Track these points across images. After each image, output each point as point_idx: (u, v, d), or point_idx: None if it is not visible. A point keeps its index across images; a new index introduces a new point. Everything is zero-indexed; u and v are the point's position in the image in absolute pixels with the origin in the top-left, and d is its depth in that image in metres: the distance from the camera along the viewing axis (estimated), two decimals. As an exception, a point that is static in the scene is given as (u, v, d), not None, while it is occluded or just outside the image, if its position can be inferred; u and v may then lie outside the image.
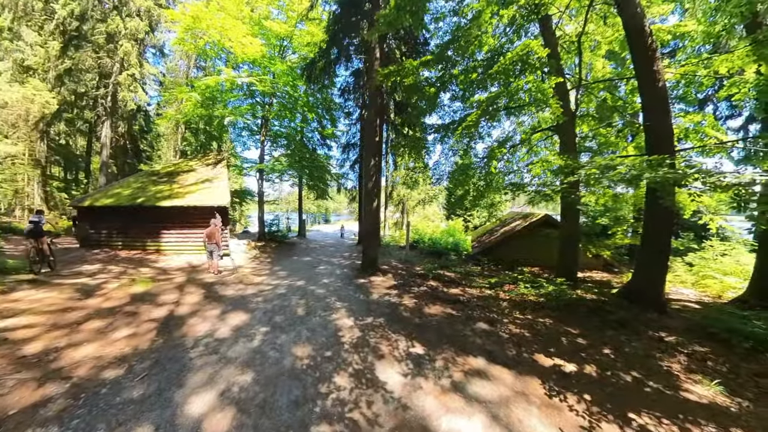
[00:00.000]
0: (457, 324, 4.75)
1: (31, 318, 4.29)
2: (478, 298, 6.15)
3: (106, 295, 5.49)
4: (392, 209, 27.39)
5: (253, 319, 4.68)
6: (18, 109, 15.65)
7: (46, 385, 2.85)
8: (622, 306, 5.54)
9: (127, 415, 2.50)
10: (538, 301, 5.89)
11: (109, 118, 16.00)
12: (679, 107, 10.52)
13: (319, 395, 2.86)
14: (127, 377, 3.04)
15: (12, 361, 3.20)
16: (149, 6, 16.00)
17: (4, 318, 4.22)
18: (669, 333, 4.50)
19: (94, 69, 16.58)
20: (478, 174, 9.31)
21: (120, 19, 15.37)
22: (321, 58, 9.85)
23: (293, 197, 38.14)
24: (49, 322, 4.20)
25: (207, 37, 12.60)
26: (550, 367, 3.54)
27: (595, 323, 4.86)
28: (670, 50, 11.82)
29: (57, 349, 3.53)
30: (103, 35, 15.63)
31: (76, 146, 23.19)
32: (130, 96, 15.90)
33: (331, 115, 16.97)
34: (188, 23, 12.17)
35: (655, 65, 5.61)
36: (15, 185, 16.11)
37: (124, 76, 15.69)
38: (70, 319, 4.35)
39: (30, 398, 2.66)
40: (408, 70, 7.12)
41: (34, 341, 3.67)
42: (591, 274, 11.14)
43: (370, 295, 6.23)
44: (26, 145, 16.00)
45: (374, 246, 8.63)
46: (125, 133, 19.32)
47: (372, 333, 4.33)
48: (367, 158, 8.35)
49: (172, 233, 10.56)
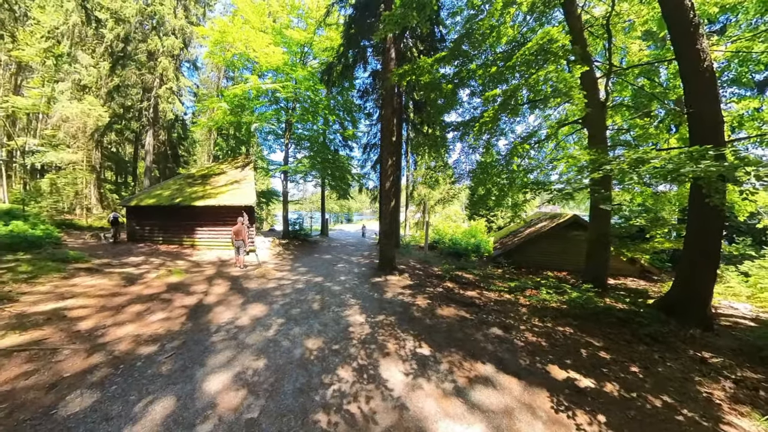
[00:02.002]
0: (469, 328, 4.64)
1: (85, 300, 4.89)
2: (496, 302, 5.94)
3: (146, 284, 6.10)
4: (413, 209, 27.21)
5: (271, 311, 4.95)
6: (77, 122, 17.66)
7: (94, 355, 3.29)
8: (659, 319, 4.99)
9: (156, 386, 2.83)
10: (560, 308, 5.55)
11: (152, 128, 17.53)
12: (732, 91, 9.38)
13: (322, 385, 2.98)
14: (159, 354, 3.41)
15: (69, 335, 3.72)
16: (182, 25, 17.31)
17: (65, 299, 4.87)
18: (714, 354, 3.97)
19: (138, 84, 18.28)
20: (500, 172, 8.98)
21: (158, 38, 16.80)
22: (339, 61, 10.05)
23: (316, 197, 39.25)
24: (99, 305, 4.77)
25: (234, 50, 13.40)
26: (564, 380, 3.32)
27: (624, 336, 4.47)
28: (720, 27, 10.57)
29: (104, 326, 4.02)
30: (145, 54, 17.18)
31: (125, 153, 25.72)
32: (169, 107, 17.32)
33: (351, 117, 17.24)
34: (216, 37, 13.10)
35: (699, 43, 5.03)
36: (75, 188, 18.21)
37: (163, 90, 17.11)
38: (116, 303, 4.90)
39: (80, 365, 3.08)
40: (423, 69, 7.04)
41: (87, 319, 4.21)
42: (625, 281, 10.31)
43: (385, 293, 6.28)
44: (84, 153, 18.02)
45: (391, 246, 8.66)
46: (166, 140, 21.08)
47: (381, 330, 4.39)
48: (384, 158, 8.39)
49: (205, 230, 11.36)
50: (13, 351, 3.19)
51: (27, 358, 3.12)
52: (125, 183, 24.59)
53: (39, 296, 4.82)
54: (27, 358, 3.12)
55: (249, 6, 12.86)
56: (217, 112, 14.56)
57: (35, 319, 3.98)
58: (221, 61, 15.05)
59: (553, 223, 11.35)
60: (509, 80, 7.73)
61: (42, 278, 5.66)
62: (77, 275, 6.17)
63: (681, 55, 5.30)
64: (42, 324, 3.88)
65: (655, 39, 10.24)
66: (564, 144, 11.41)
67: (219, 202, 10.96)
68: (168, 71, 17.00)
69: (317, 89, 13.80)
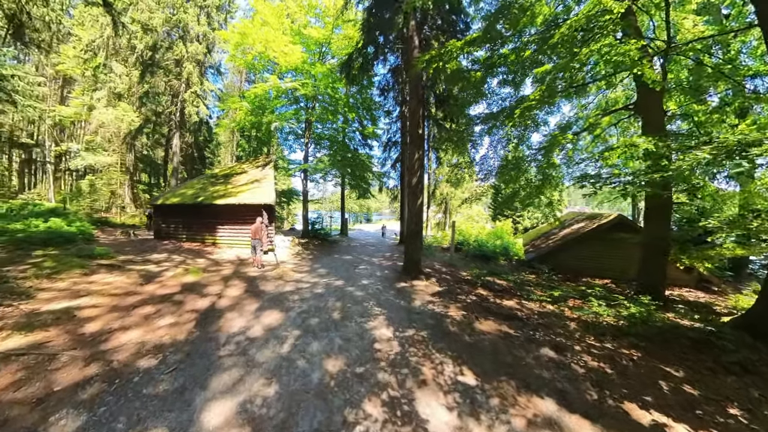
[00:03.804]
0: (517, 348, 3.93)
1: (99, 299, 4.72)
2: (539, 314, 5.19)
3: (162, 283, 5.91)
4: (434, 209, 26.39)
5: (287, 320, 4.51)
6: (112, 127, 18.66)
7: (91, 365, 2.98)
8: (744, 342, 4.05)
9: (148, 412, 2.44)
10: (616, 324, 4.70)
11: (178, 130, 18.13)
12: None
13: (346, 425, 2.44)
14: (159, 368, 3.04)
15: (72, 337, 3.48)
16: (205, 31, 17.83)
17: (80, 297, 4.72)
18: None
19: (168, 92, 19.08)
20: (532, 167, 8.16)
21: (183, 45, 17.35)
22: (358, 55, 9.64)
23: (336, 197, 39.38)
24: (111, 304, 4.57)
25: (254, 51, 13.52)
26: (650, 426, 2.56)
27: (704, 364, 3.61)
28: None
29: (110, 330, 3.76)
30: (172, 62, 17.82)
31: (157, 157, 27.09)
32: (193, 110, 17.82)
33: (371, 115, 16.93)
34: (237, 40, 13.32)
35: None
36: (110, 188, 19.22)
37: (188, 94, 17.63)
38: (127, 303, 4.70)
39: (74, 377, 2.78)
40: (451, 53, 6.42)
41: (95, 320, 3.98)
42: (681, 292, 9.04)
43: (412, 301, 5.69)
44: (118, 156, 18.98)
45: (417, 247, 8.02)
46: (192, 143, 21.84)
47: (413, 349, 3.77)
48: (411, 151, 7.82)
49: (226, 228, 11.37)
50: (11, 355, 2.97)
51: (23, 364, 2.87)
52: (158, 184, 25.83)
53: (55, 293, 4.72)
54: (23, 364, 2.87)
55: (268, 8, 12.89)
56: (238, 113, 14.75)
57: (44, 319, 3.81)
58: (242, 63, 15.24)
59: (593, 224, 10.23)
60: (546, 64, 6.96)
61: (64, 274, 5.64)
62: (98, 272, 6.12)
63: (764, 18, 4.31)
64: (50, 324, 3.69)
65: (712, 11, 9.00)
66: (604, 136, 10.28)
67: (239, 200, 10.90)
68: (192, 76, 17.49)
69: (336, 87, 13.64)
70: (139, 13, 17.06)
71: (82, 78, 20.11)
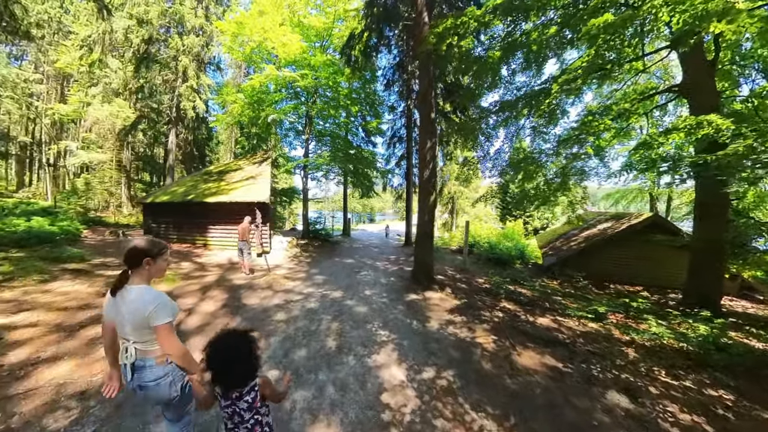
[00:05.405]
0: (576, 394, 2.89)
1: (43, 315, 3.89)
2: (583, 336, 4.19)
3: None
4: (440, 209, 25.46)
5: (266, 352, 3.48)
6: (107, 123, 18.04)
7: None
8: None
9: None
10: (681, 348, 3.75)
11: (174, 126, 17.46)
12: None
13: None
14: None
15: None
16: (202, 23, 17.12)
17: (21, 311, 3.91)
18: None
19: (164, 87, 18.41)
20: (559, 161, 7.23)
21: (179, 38, 16.67)
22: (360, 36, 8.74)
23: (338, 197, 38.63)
24: (55, 322, 3.75)
25: (252, 43, 12.81)
26: None
27: None
28: None
29: (36, 360, 2.93)
30: (168, 55, 17.16)
31: (158, 155, 26.54)
32: (190, 105, 17.12)
33: (375, 110, 16.15)
34: (234, 30, 12.62)
35: None
36: (105, 186, 18.61)
37: (184, 88, 16.94)
38: (76, 320, 3.86)
39: None
40: (468, 24, 5.51)
41: (24, 346, 3.16)
42: (726, 302, 8.00)
43: (427, 320, 4.68)
44: (113, 153, 18.34)
45: (429, 251, 6.95)
46: (191, 140, 21.17)
47: (438, 404, 2.70)
48: (422, 140, 6.90)
49: (218, 228, 10.56)
50: None
51: None
52: (158, 183, 25.26)
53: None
54: None
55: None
56: (234, 106, 13.97)
57: (-40, 344, 2.99)
58: (240, 56, 14.51)
59: (622, 225, 9.19)
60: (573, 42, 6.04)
61: (17, 281, 4.84)
62: (60, 278, 5.31)
63: None
64: (-37, 352, 2.87)
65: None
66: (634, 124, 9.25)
67: (231, 198, 10.08)
68: (189, 69, 16.80)
69: (338, 80, 12.88)
70: (135, 7, 16.44)
71: (78, 74, 19.58)
